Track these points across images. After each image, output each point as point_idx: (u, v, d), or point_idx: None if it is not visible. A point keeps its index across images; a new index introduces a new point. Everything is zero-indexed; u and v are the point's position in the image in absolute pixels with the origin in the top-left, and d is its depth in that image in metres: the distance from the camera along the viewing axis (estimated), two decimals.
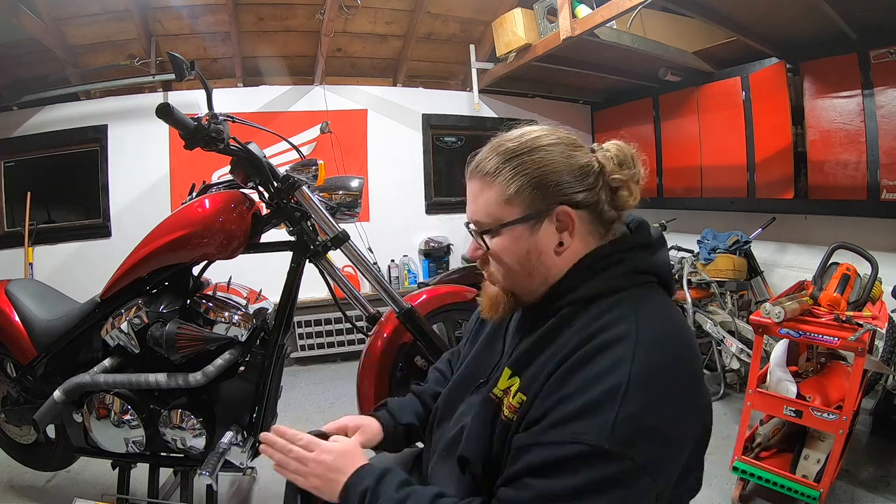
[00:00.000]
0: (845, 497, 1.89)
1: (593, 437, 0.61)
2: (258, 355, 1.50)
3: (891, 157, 2.49)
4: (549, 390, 0.68)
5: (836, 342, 1.66)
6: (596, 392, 0.64)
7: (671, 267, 0.81)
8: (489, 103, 4.21)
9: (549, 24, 3.16)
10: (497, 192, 0.76)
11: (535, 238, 0.76)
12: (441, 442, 0.90)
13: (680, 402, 0.67)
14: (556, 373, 0.69)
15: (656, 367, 0.65)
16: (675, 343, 0.70)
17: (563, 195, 0.75)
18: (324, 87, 3.74)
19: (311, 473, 0.81)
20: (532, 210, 0.75)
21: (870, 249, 1.92)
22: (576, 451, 0.62)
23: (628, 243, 0.78)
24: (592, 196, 0.76)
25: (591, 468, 0.61)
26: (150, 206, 3.41)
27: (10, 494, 1.99)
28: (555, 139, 0.78)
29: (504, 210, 0.76)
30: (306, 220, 1.52)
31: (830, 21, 2.46)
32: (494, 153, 0.78)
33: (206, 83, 1.40)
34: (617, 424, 0.61)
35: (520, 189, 0.75)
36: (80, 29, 3.19)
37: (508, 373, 0.78)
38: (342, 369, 3.50)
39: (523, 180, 0.75)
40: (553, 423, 0.65)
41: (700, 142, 3.52)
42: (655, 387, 0.65)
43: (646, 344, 0.66)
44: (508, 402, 0.75)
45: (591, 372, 0.65)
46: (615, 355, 0.66)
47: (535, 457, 0.65)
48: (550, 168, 0.75)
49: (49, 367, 1.63)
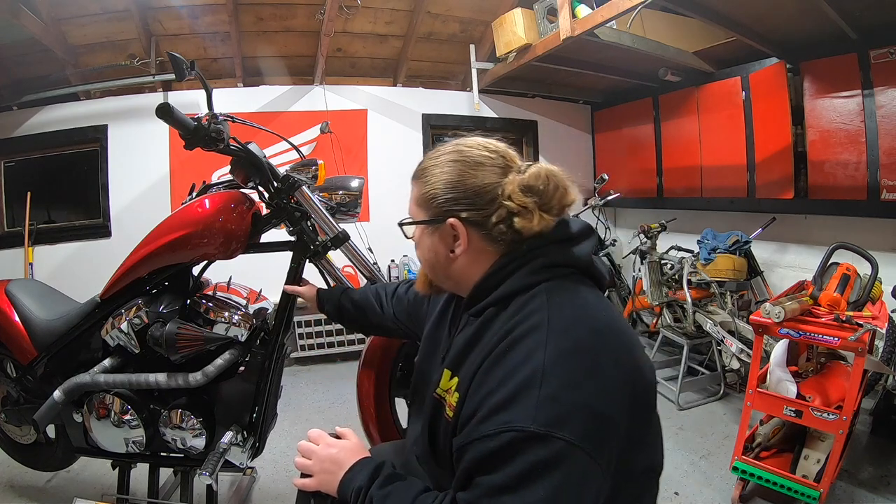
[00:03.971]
0: (845, 497, 1.89)
1: (520, 423, 0.64)
2: (258, 355, 1.50)
3: (891, 157, 2.49)
4: (476, 386, 0.72)
5: (836, 342, 1.66)
6: (516, 381, 0.67)
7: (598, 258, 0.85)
8: (489, 103, 4.21)
9: (549, 24, 3.16)
10: (414, 192, 0.89)
11: (434, 240, 0.86)
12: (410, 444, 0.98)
13: (600, 377, 0.68)
14: (480, 369, 0.73)
15: (570, 349, 0.68)
16: (590, 325, 0.73)
17: (450, 211, 0.82)
18: (324, 87, 3.74)
19: (316, 463, 0.86)
20: (430, 216, 0.85)
21: (870, 249, 1.92)
22: (506, 439, 0.64)
23: (541, 241, 0.81)
24: (479, 216, 0.81)
25: (525, 453, 0.63)
26: (150, 206, 3.41)
27: (10, 494, 1.99)
28: (459, 157, 0.84)
29: (415, 210, 0.89)
30: (306, 220, 1.51)
31: (830, 21, 2.46)
32: (425, 160, 0.89)
33: (206, 83, 1.40)
34: (539, 407, 0.64)
35: (422, 195, 0.86)
36: (80, 29, 3.19)
37: (448, 373, 0.82)
38: (342, 369, 3.50)
39: (426, 189, 0.85)
40: (482, 417, 0.68)
41: (700, 142, 3.52)
42: (571, 366, 0.67)
43: (558, 329, 0.70)
44: (450, 401, 0.79)
45: (511, 363, 0.69)
46: (530, 344, 0.69)
47: (475, 453, 0.68)
48: (444, 184, 0.83)
49: (49, 367, 1.63)
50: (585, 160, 4.61)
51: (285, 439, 2.40)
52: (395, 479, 0.79)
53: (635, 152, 4.10)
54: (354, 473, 0.81)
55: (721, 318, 2.78)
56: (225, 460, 1.43)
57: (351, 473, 0.81)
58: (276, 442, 2.30)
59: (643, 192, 4.06)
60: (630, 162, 4.18)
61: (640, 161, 4.05)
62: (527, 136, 4.47)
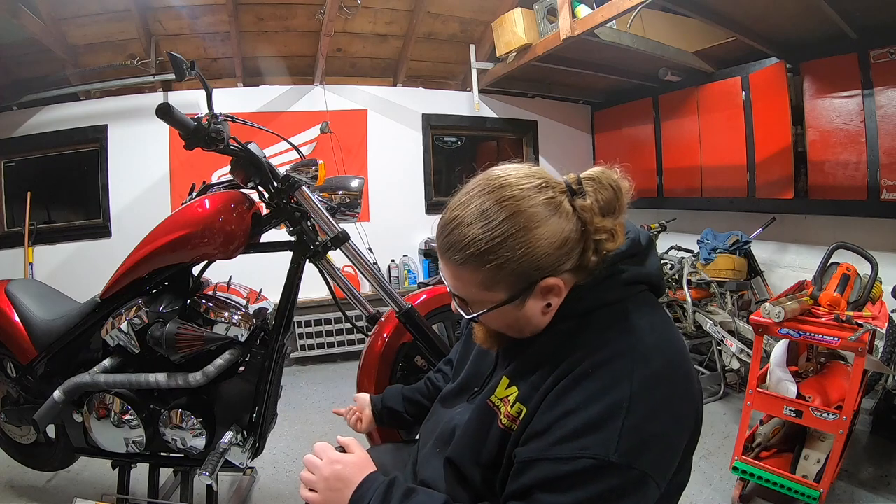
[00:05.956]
0: (845, 497, 1.89)
1: (600, 451, 0.63)
2: (258, 355, 1.50)
3: (891, 157, 2.49)
4: (551, 404, 0.69)
5: (836, 342, 1.66)
6: (599, 407, 0.65)
7: (661, 270, 0.81)
8: (489, 103, 4.21)
9: (549, 24, 3.16)
10: (474, 280, 0.72)
11: (521, 310, 0.73)
12: (431, 439, 0.91)
13: (677, 407, 0.69)
14: (557, 387, 0.70)
15: (655, 379, 0.67)
16: (669, 351, 0.72)
17: (545, 273, 0.70)
18: (324, 87, 3.74)
19: (321, 480, 0.80)
20: (515, 292, 0.71)
21: (870, 249, 1.92)
22: (583, 465, 0.63)
23: (623, 254, 0.76)
24: (575, 262, 0.72)
25: (600, 481, 0.63)
26: (150, 206, 3.41)
27: (10, 494, 1.99)
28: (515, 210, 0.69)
29: (485, 295, 0.73)
30: (306, 220, 1.52)
31: (830, 21, 2.46)
32: (465, 241, 0.70)
33: (206, 83, 1.40)
34: (622, 437, 0.63)
35: (496, 279, 0.70)
36: (80, 29, 3.19)
37: (506, 382, 0.79)
38: (342, 369, 3.50)
39: (498, 272, 0.70)
40: (558, 438, 0.66)
41: (700, 142, 3.52)
42: (655, 397, 0.67)
43: (643, 357, 0.68)
44: (507, 410, 0.76)
45: (594, 387, 0.67)
46: (615, 370, 0.67)
47: (543, 472, 0.66)
48: (527, 256, 0.69)
49: (49, 367, 1.63)
50: (585, 160, 4.61)
51: (285, 439, 2.40)
52: (413, 493, 0.76)
53: (635, 152, 4.10)
54: (364, 492, 0.77)
55: (721, 318, 2.78)
56: (225, 460, 1.43)
57: (360, 492, 0.77)
58: (276, 442, 2.30)
59: (643, 192, 4.06)
60: (630, 162, 4.04)
61: (640, 161, 4.04)
62: (527, 136, 4.47)
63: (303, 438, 2.45)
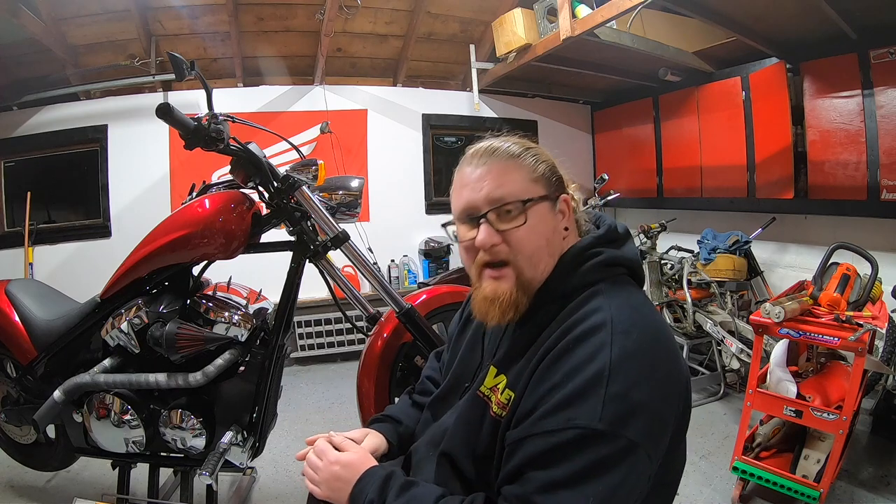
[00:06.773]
0: (845, 497, 1.89)
1: (586, 420, 0.64)
2: (258, 355, 1.50)
3: (891, 157, 2.49)
4: (536, 383, 0.71)
5: (836, 342, 1.66)
6: (582, 378, 0.66)
7: (639, 257, 0.88)
8: (489, 103, 4.21)
9: (549, 24, 3.16)
10: (526, 171, 0.81)
11: (553, 220, 0.81)
12: (423, 444, 0.92)
13: (660, 380, 0.70)
14: (541, 365, 0.72)
15: (634, 350, 0.68)
16: (648, 328, 0.73)
17: (563, 186, 0.85)
18: (324, 87, 3.74)
19: (322, 481, 0.84)
20: (550, 192, 0.82)
21: (870, 249, 1.92)
22: (571, 435, 0.64)
23: (601, 238, 0.82)
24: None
25: (589, 450, 0.63)
26: (150, 206, 3.41)
27: (10, 494, 1.99)
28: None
29: (531, 187, 0.80)
30: (306, 220, 1.52)
31: (830, 21, 2.46)
32: (509, 142, 0.85)
33: (206, 83, 1.40)
34: (605, 405, 0.64)
35: (543, 172, 0.82)
36: (80, 29, 3.19)
37: (494, 371, 0.81)
38: (342, 369, 3.50)
39: (544, 166, 0.83)
40: (544, 412, 0.68)
41: (700, 142, 3.52)
42: (635, 368, 0.67)
43: (622, 330, 0.70)
44: (497, 398, 0.78)
45: (575, 360, 0.69)
46: (595, 342, 0.69)
47: (533, 448, 0.67)
48: (548, 162, 0.85)
49: (49, 367, 1.63)
50: (585, 160, 4.61)
51: (285, 439, 2.40)
52: (411, 486, 0.77)
53: (635, 152, 4.10)
54: (363, 486, 0.79)
55: (721, 318, 2.78)
56: (225, 460, 1.43)
57: (359, 486, 0.79)
58: (276, 442, 2.30)
59: (643, 192, 4.06)
60: (630, 162, 4.18)
61: (640, 161, 4.05)
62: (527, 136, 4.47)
63: (303, 438, 2.44)
